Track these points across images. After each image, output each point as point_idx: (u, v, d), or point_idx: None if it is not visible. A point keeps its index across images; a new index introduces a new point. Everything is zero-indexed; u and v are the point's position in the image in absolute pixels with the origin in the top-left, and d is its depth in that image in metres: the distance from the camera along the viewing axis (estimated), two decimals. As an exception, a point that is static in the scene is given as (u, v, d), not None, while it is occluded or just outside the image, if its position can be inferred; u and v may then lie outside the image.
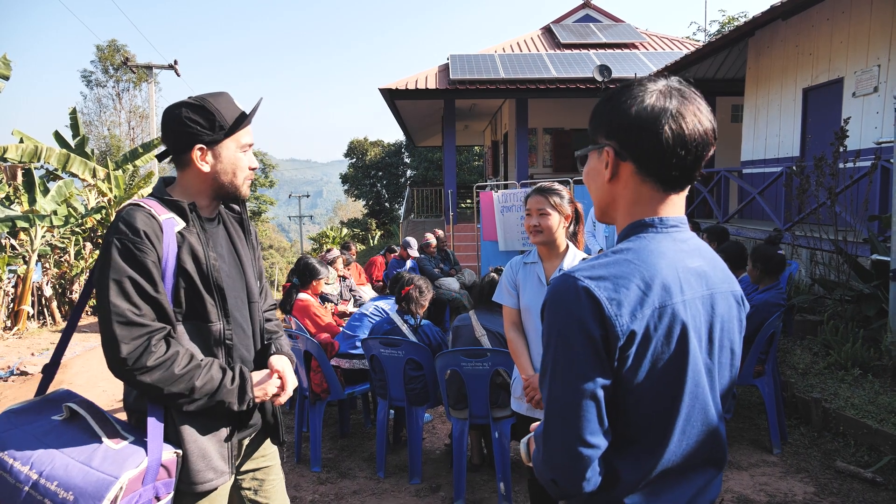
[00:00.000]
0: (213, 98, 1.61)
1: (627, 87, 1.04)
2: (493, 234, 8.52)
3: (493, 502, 3.31)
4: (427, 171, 29.62)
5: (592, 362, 0.93)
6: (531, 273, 2.50)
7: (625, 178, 1.04)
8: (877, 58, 6.82)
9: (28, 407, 1.52)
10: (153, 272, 1.47)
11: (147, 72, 19.06)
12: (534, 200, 2.40)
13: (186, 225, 1.58)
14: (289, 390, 1.69)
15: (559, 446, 0.95)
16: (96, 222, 12.98)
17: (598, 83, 11.55)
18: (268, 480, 1.82)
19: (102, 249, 1.49)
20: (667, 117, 0.98)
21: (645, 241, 1.02)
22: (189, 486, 1.52)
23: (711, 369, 1.04)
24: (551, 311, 0.98)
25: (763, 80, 9.16)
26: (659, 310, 0.96)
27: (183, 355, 1.50)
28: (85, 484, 1.32)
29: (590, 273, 0.97)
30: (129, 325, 1.43)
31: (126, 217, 1.49)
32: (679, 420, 0.99)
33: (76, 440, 1.42)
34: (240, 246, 1.75)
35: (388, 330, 3.64)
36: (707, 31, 23.76)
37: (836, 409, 3.93)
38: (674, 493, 1.02)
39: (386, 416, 3.67)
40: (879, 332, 4.71)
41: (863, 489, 3.27)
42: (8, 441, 1.40)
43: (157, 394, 1.46)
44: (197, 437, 1.54)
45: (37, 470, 1.34)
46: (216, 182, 1.63)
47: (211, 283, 1.58)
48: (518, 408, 2.50)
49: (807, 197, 6.01)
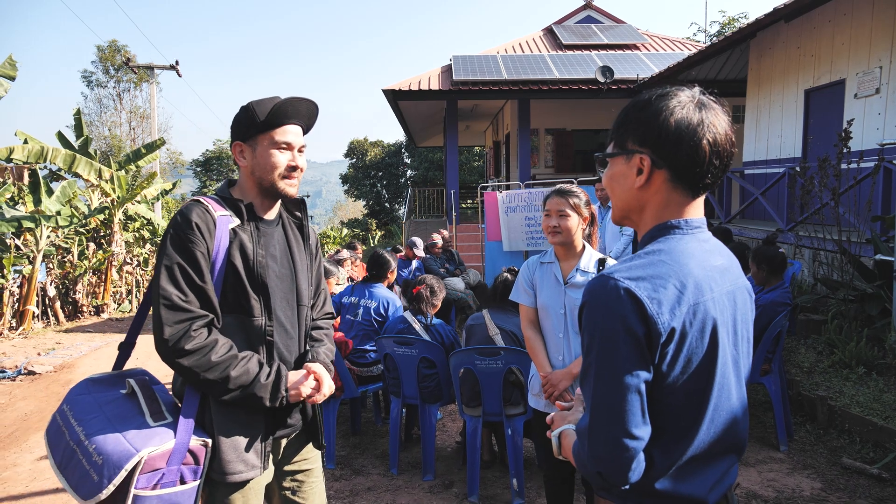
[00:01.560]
0: (264, 100, 1.66)
1: (662, 96, 1.09)
2: (497, 234, 8.57)
3: (505, 498, 3.36)
4: (428, 172, 29.68)
5: (636, 358, 0.99)
6: (548, 273, 2.55)
7: (657, 185, 1.10)
8: (878, 59, 6.88)
9: (104, 378, 1.68)
10: (201, 262, 1.55)
11: (148, 72, 19.10)
12: (553, 202, 2.45)
13: (241, 223, 1.65)
14: (325, 392, 1.73)
15: (605, 440, 1.00)
16: (99, 223, 13.02)
17: (600, 84, 11.62)
18: (307, 482, 1.85)
19: (161, 240, 1.60)
20: (704, 129, 1.05)
21: (673, 243, 1.08)
22: (220, 476, 1.58)
23: (737, 360, 1.11)
24: (592, 312, 1.03)
25: (765, 82, 9.22)
26: (693, 307, 1.02)
27: (222, 344, 1.57)
28: (112, 451, 1.42)
29: (628, 274, 1.02)
30: (174, 309, 1.52)
31: (183, 211, 1.59)
32: (709, 409, 1.05)
33: (126, 412, 1.54)
34: (296, 250, 1.79)
35: (401, 329, 3.70)
36: (707, 32, 23.84)
37: (842, 406, 3.99)
38: (699, 478, 1.08)
39: (399, 414, 3.72)
40: (883, 331, 4.78)
41: (869, 485, 3.33)
42: (77, 404, 1.57)
43: (194, 378, 1.54)
44: (231, 429, 1.60)
45: (86, 432, 1.48)
46: (255, 178, 1.69)
47: (256, 280, 1.64)
48: (536, 404, 2.55)
49: (810, 198, 6.07)
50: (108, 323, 11.77)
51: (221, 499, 1.62)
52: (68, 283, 12.17)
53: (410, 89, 12.24)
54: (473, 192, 22.48)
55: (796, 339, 5.30)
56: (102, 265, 12.69)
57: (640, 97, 1.11)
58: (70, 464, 1.47)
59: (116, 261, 13.14)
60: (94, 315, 12.42)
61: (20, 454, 4.47)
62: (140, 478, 1.42)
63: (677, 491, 1.06)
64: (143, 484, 1.43)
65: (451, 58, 13.46)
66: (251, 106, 1.65)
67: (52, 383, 6.78)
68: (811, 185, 5.98)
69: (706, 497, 1.08)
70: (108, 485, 1.39)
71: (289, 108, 1.65)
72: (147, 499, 1.43)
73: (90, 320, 11.93)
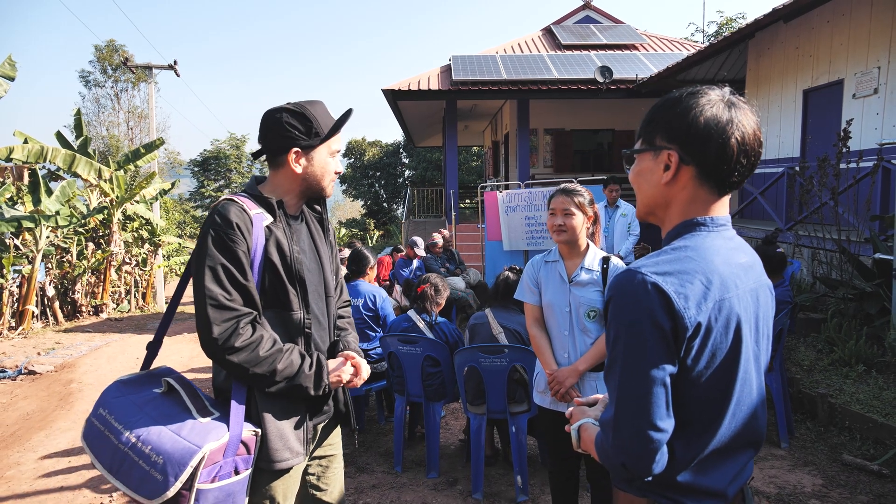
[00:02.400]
0: (312, 106, 1.72)
1: (692, 94, 1.10)
2: (497, 233, 8.60)
3: (509, 495, 3.38)
4: (426, 172, 29.69)
5: (662, 352, 1.00)
6: (553, 271, 2.57)
7: (684, 181, 1.11)
8: (877, 60, 6.92)
9: (134, 379, 1.70)
10: (243, 261, 1.60)
11: (146, 72, 19.06)
12: (559, 201, 2.48)
13: (274, 220, 1.70)
14: (363, 375, 1.81)
15: (631, 432, 1.02)
16: (98, 222, 13.01)
17: (599, 84, 11.65)
18: (331, 468, 1.93)
19: (199, 239, 1.63)
20: (732, 128, 1.06)
21: (699, 239, 1.09)
22: (268, 464, 1.63)
23: (758, 356, 1.13)
24: (619, 306, 1.05)
25: (763, 82, 9.26)
26: (719, 303, 1.03)
27: (267, 339, 1.62)
28: (173, 450, 1.46)
29: (655, 269, 1.03)
30: (221, 309, 1.56)
31: (221, 210, 1.62)
32: (731, 404, 1.07)
33: (170, 411, 1.56)
34: (319, 243, 1.86)
35: (406, 328, 3.72)
36: (705, 32, 23.89)
37: (842, 404, 4.02)
38: (720, 471, 1.09)
39: (403, 412, 3.74)
40: (882, 330, 4.81)
41: (869, 481, 3.36)
42: (115, 407, 1.58)
43: (243, 374, 1.58)
44: (276, 419, 1.65)
45: (136, 434, 1.50)
46: (305, 183, 1.76)
47: (294, 275, 1.70)
48: (542, 402, 2.57)
49: (810, 197, 6.11)
50: (107, 323, 11.76)
51: (263, 485, 1.67)
52: (67, 282, 12.16)
53: (410, 89, 12.26)
54: (472, 191, 22.51)
55: (796, 338, 5.34)
56: (101, 265, 12.68)
57: (670, 95, 1.13)
58: (123, 467, 1.49)
59: (115, 261, 13.13)
60: (93, 315, 12.41)
61: (23, 453, 4.48)
62: (202, 472, 1.47)
63: (698, 483, 1.07)
64: (204, 478, 1.48)
65: (450, 58, 13.48)
66: (307, 116, 1.69)
67: (52, 383, 6.78)
68: (810, 184, 6.02)
69: (726, 490, 1.10)
70: (174, 482, 1.42)
71: (345, 119, 1.76)
72: (208, 492, 1.49)
73: (89, 320, 11.91)
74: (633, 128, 9.22)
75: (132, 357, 8.13)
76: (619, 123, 14.13)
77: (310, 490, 1.89)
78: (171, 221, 25.97)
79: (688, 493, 1.08)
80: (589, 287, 2.48)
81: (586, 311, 2.46)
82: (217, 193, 42.52)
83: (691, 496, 1.08)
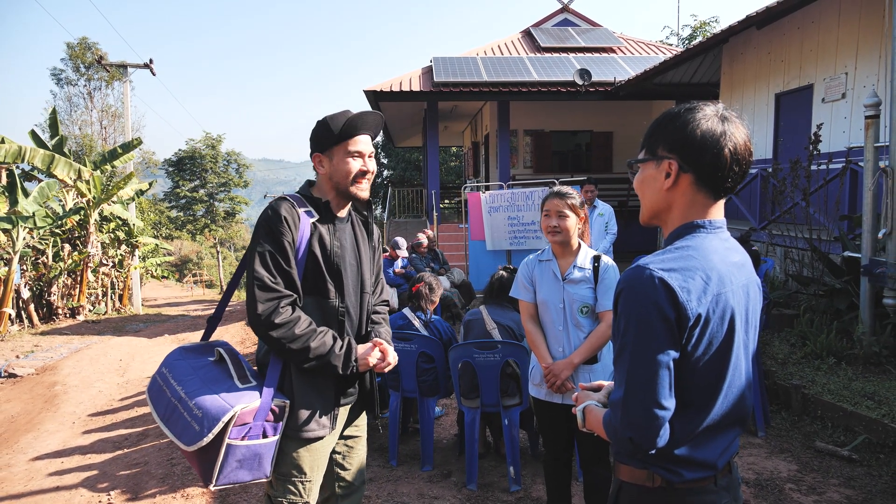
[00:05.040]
0: (336, 114, 1.90)
1: (690, 109, 1.24)
2: (480, 234, 8.73)
3: (502, 486, 3.50)
4: (405, 172, 29.71)
5: (667, 339, 1.14)
6: (546, 269, 2.70)
7: (683, 187, 1.24)
8: (844, 66, 7.22)
9: (195, 347, 1.98)
10: (288, 250, 1.83)
11: (121, 70, 18.77)
12: (553, 203, 2.60)
13: (319, 218, 1.90)
14: (390, 360, 1.98)
15: (639, 410, 1.15)
16: (75, 223, 12.81)
17: (578, 86, 11.86)
18: (356, 449, 2.11)
19: (255, 229, 1.89)
20: (726, 139, 1.20)
21: (699, 240, 1.23)
22: (295, 433, 1.86)
23: (747, 344, 1.27)
24: (628, 298, 1.18)
25: (737, 85, 9.55)
26: (716, 297, 1.17)
27: (304, 320, 1.84)
28: (210, 406, 1.71)
29: (662, 265, 1.17)
30: (265, 289, 1.79)
31: (274, 206, 1.87)
32: (724, 386, 1.21)
33: (217, 376, 1.83)
34: (362, 244, 2.04)
35: (401, 325, 3.82)
36: (679, 35, 24.38)
37: (815, 394, 4.23)
38: (712, 445, 1.24)
39: (398, 408, 3.84)
40: (851, 324, 5.05)
41: (840, 466, 3.56)
42: (175, 367, 1.87)
43: (280, 348, 1.80)
44: (306, 393, 1.87)
45: (185, 391, 1.77)
46: (332, 182, 1.95)
47: (332, 267, 1.90)
48: (537, 394, 2.69)
49: (783, 198, 6.35)
50: (85, 325, 11.60)
51: (291, 452, 1.88)
52: (43, 284, 11.96)
53: (392, 90, 12.33)
54: (451, 192, 22.63)
55: (771, 333, 5.56)
56: (78, 266, 12.49)
57: (670, 110, 1.27)
58: (173, 416, 1.76)
59: (92, 262, 12.95)
60: (70, 317, 12.23)
61: (13, 455, 4.46)
62: (233, 430, 1.70)
63: (693, 456, 1.21)
64: (235, 435, 1.71)
65: (431, 59, 13.58)
66: (326, 121, 1.90)
67: (35, 385, 6.71)
68: (783, 185, 6.26)
69: (716, 461, 1.24)
70: (208, 434, 1.66)
71: (358, 121, 1.90)
72: (237, 448, 1.72)
73: (66, 322, 11.74)
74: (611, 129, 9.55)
75: (114, 359, 8.07)
76: (597, 125, 14.37)
77: (335, 468, 2.06)
78: (147, 222, 25.60)
79: (684, 465, 1.22)
80: (581, 284, 2.61)
81: (579, 307, 2.60)
82: (192, 194, 41.98)
83: (686, 467, 1.22)
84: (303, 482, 1.90)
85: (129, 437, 4.77)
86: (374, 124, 1.97)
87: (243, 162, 44.59)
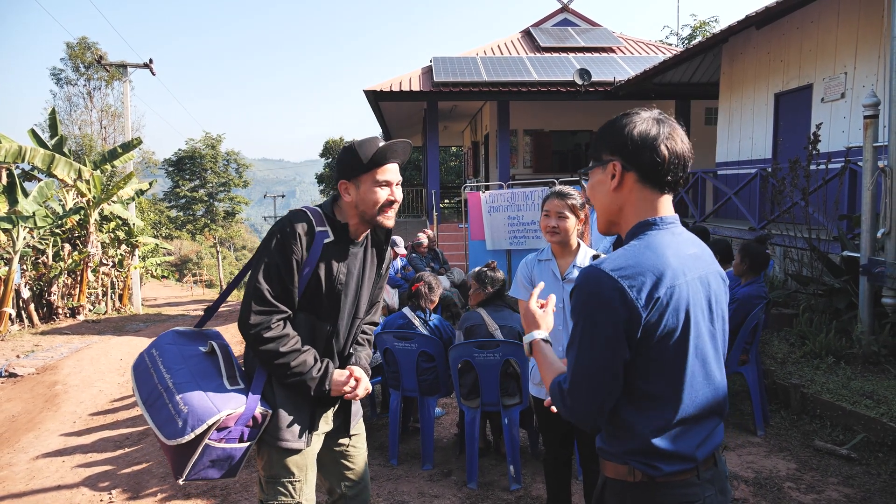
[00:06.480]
0: (364, 141, 1.89)
1: (626, 115, 1.33)
2: (480, 233, 8.75)
3: (502, 484, 3.51)
4: (404, 171, 29.73)
5: (614, 339, 1.19)
6: (546, 269, 2.71)
7: (629, 185, 1.31)
8: (843, 66, 7.23)
9: (188, 333, 1.97)
10: (294, 268, 1.84)
11: (121, 70, 18.78)
12: (553, 203, 2.61)
13: (334, 240, 1.90)
14: (360, 392, 2.00)
15: (580, 404, 1.24)
16: (75, 223, 12.82)
17: (578, 86, 11.87)
18: (356, 447, 2.15)
19: (267, 235, 1.88)
20: (661, 137, 1.28)
21: (651, 238, 1.28)
22: (272, 440, 1.88)
23: (714, 333, 1.31)
24: (581, 296, 1.23)
25: (737, 85, 9.56)
26: (669, 290, 1.21)
27: (291, 338, 1.86)
28: (197, 405, 1.71)
29: (612, 265, 1.22)
30: (262, 302, 1.81)
31: (292, 219, 1.87)
32: (686, 376, 1.24)
33: (207, 370, 1.83)
34: (368, 270, 2.04)
35: (401, 324, 3.83)
36: (679, 35, 24.40)
37: (814, 393, 4.24)
38: (687, 437, 1.27)
39: (399, 407, 3.85)
40: (850, 324, 5.07)
41: (839, 464, 3.57)
42: (165, 352, 1.86)
43: (266, 360, 1.84)
44: (286, 405, 1.89)
45: (174, 380, 1.76)
46: (358, 210, 1.93)
47: (332, 293, 1.91)
48: (537, 393, 2.70)
49: (782, 197, 6.37)
50: (85, 325, 11.61)
51: (279, 461, 1.90)
52: (43, 284, 11.97)
53: (392, 90, 12.35)
54: (451, 191, 22.65)
55: (770, 332, 5.58)
56: (78, 266, 12.50)
57: (610, 120, 1.35)
58: (156, 404, 1.75)
59: (92, 262, 12.96)
60: (70, 317, 12.24)
61: (14, 454, 4.48)
62: (213, 432, 1.72)
63: (669, 449, 1.24)
64: (214, 437, 1.73)
65: (431, 59, 13.60)
66: (354, 149, 1.87)
67: (36, 385, 6.72)
68: (782, 185, 6.27)
69: (694, 454, 1.26)
70: (190, 433, 1.66)
71: (388, 150, 1.88)
72: (214, 449, 1.74)
73: (66, 322, 11.75)
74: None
75: (115, 359, 8.08)
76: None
77: (338, 468, 2.11)
78: (147, 222, 25.61)
79: (661, 459, 1.25)
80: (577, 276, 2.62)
81: (579, 306, 2.60)
82: (192, 193, 42.01)
83: (665, 461, 1.25)
84: (292, 483, 1.92)
85: (129, 436, 4.78)
86: (403, 152, 1.95)
87: (243, 162, 44.63)
